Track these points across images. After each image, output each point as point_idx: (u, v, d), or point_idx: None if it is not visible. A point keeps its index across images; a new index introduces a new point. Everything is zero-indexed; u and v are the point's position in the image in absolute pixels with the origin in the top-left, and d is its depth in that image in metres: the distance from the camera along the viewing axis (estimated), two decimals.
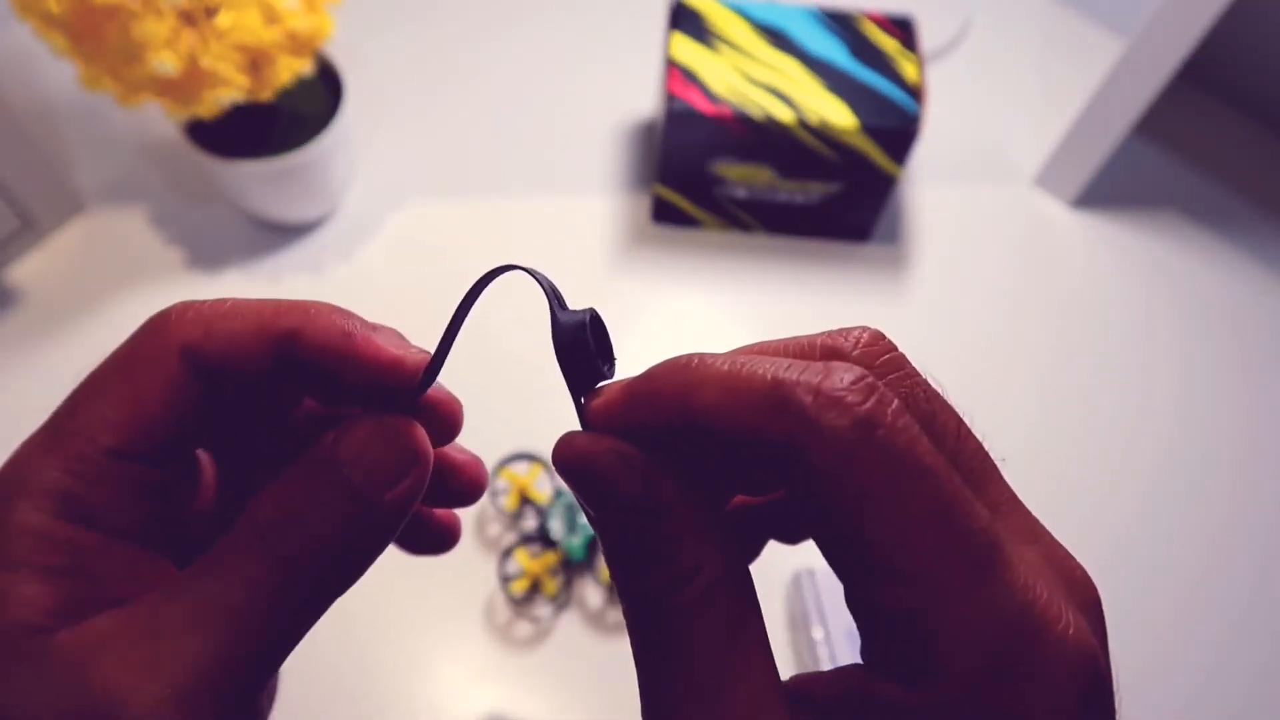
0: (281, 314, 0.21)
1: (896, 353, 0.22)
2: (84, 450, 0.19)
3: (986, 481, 0.20)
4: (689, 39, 0.58)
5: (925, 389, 0.21)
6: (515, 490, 0.52)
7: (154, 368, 0.20)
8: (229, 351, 0.20)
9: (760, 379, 0.17)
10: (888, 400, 0.17)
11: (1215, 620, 0.54)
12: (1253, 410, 0.61)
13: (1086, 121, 0.62)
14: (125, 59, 0.46)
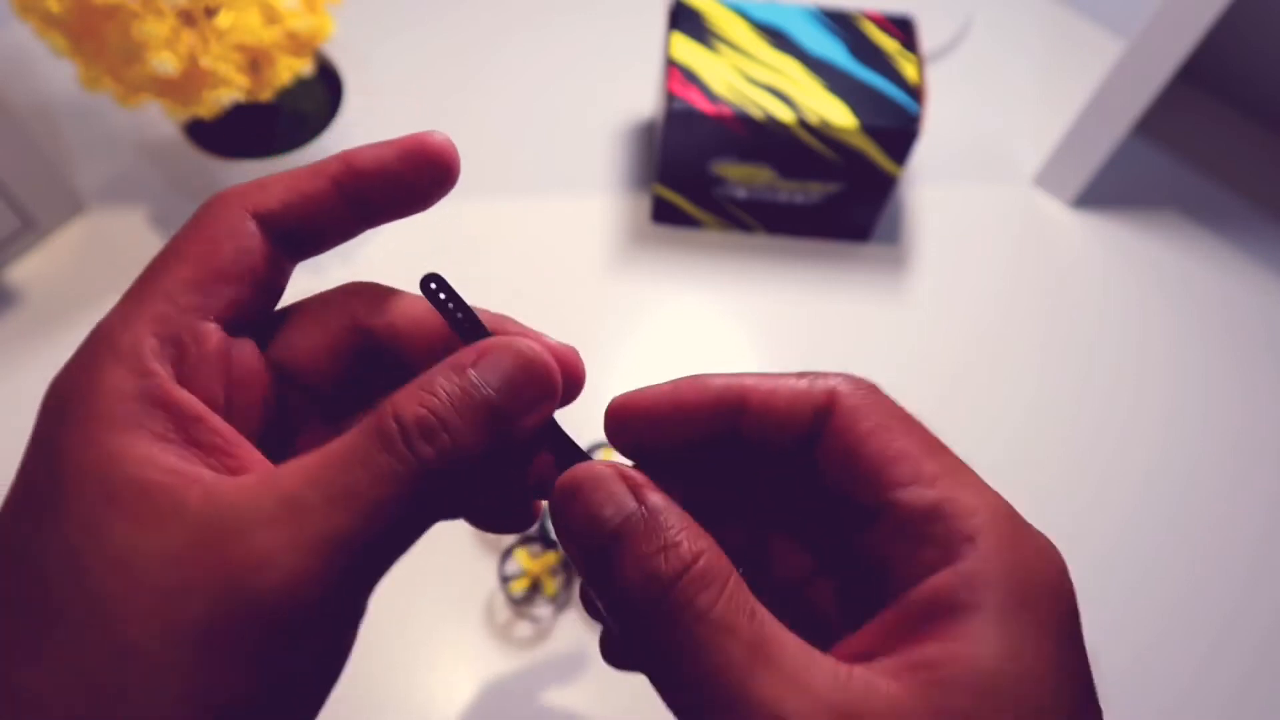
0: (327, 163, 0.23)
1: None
2: (170, 311, 0.20)
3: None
4: (689, 39, 0.58)
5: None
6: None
7: (229, 230, 0.21)
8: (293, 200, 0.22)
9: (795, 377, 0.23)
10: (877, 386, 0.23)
11: (1209, 618, 0.54)
12: (1253, 409, 0.61)
13: (1086, 121, 0.62)
14: (125, 59, 0.46)
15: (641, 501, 0.20)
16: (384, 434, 0.19)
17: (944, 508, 0.20)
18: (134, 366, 0.19)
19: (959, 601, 0.19)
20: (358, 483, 0.19)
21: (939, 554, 0.20)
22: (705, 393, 0.23)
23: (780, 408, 0.22)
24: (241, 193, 0.22)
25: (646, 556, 0.19)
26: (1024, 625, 0.19)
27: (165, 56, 0.46)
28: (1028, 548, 0.20)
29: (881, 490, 0.21)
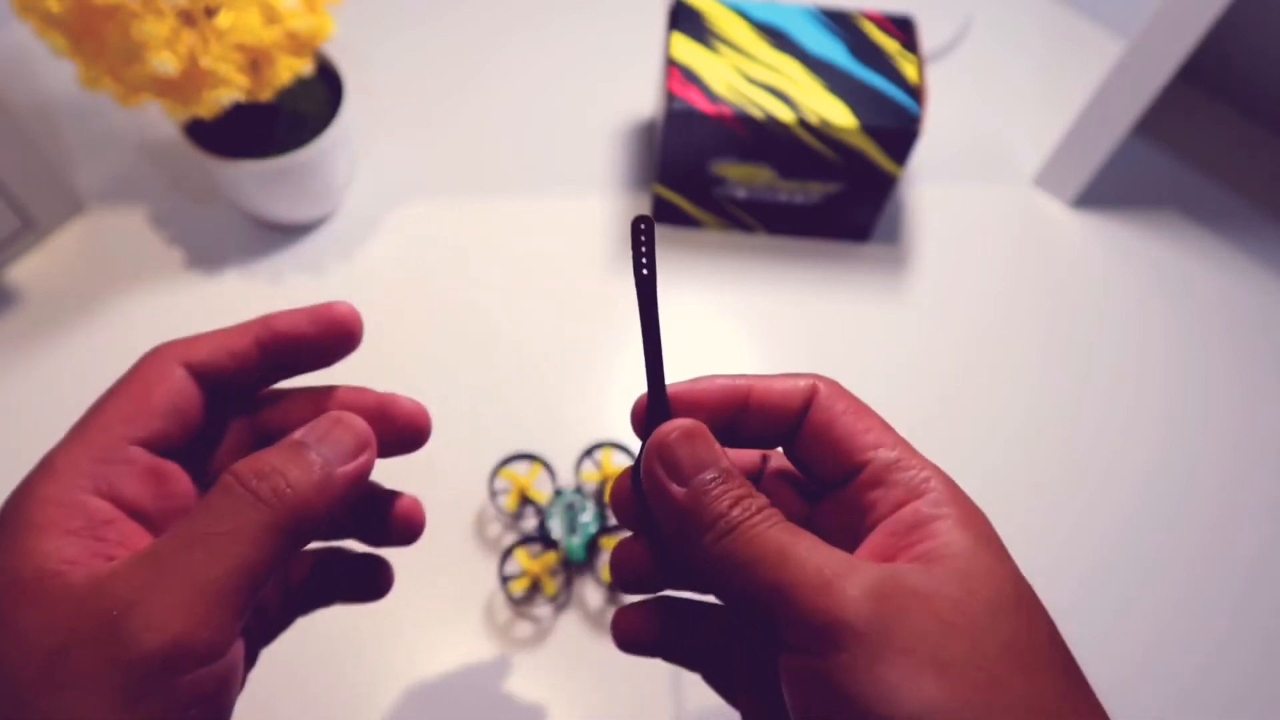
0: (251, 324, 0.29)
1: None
2: (104, 439, 0.25)
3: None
4: (689, 39, 0.58)
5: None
6: (515, 490, 0.52)
7: (159, 375, 0.27)
8: (218, 354, 0.28)
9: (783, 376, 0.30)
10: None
11: (1209, 617, 0.54)
12: (1253, 409, 0.61)
13: (1086, 121, 0.63)
14: (125, 59, 0.46)
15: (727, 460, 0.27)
16: (223, 485, 0.24)
17: (904, 462, 0.28)
18: (63, 481, 0.24)
19: (931, 515, 0.26)
20: (203, 526, 0.23)
21: (905, 492, 0.27)
22: (716, 386, 0.29)
23: (777, 397, 0.29)
24: (175, 346, 0.27)
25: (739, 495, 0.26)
26: (978, 533, 0.26)
27: (165, 57, 0.46)
28: (965, 496, 0.27)
29: (857, 452, 0.28)
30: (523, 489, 0.52)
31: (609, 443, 0.54)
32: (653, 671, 0.50)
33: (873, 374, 0.60)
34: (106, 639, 0.21)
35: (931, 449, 0.60)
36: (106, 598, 0.22)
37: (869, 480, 0.28)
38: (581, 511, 0.52)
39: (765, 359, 0.60)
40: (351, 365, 0.59)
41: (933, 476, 0.27)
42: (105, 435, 0.25)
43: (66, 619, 0.21)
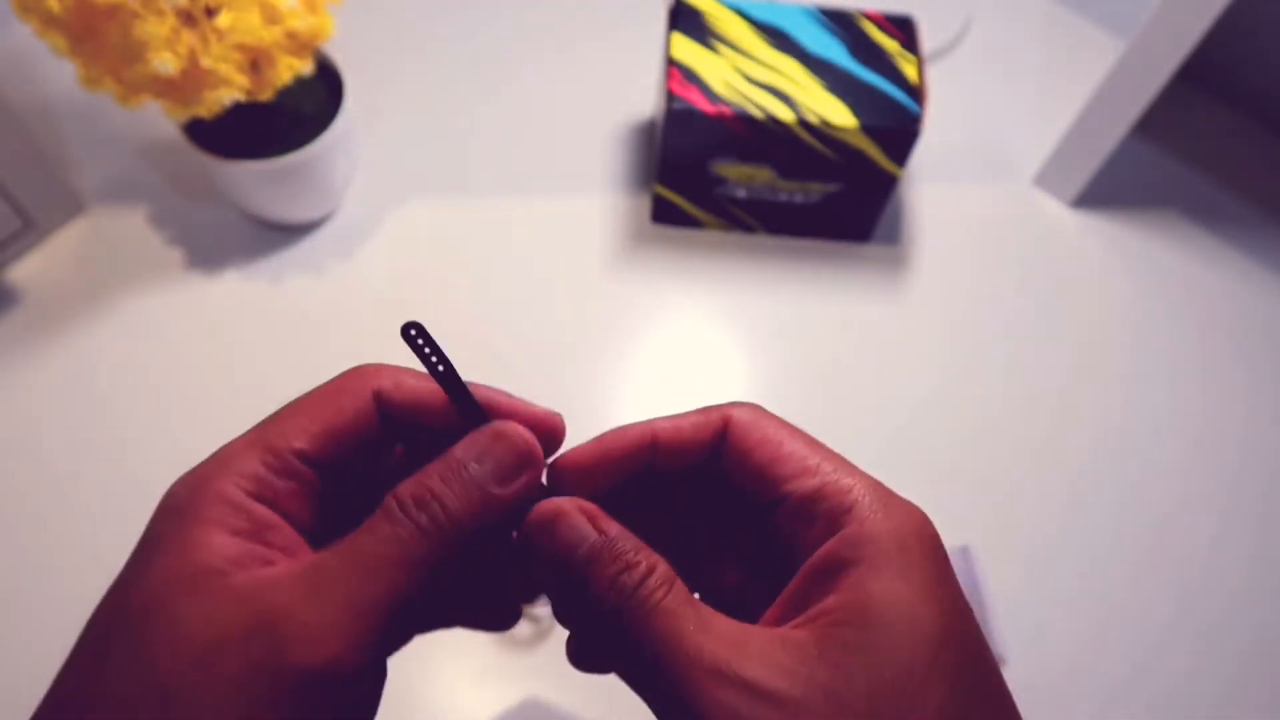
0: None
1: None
2: (279, 448, 0.25)
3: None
4: (689, 39, 0.58)
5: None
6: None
7: (351, 399, 0.27)
8: (410, 400, 0.28)
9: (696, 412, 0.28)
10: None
11: (1209, 617, 0.54)
12: (1253, 409, 0.61)
13: (1086, 121, 0.63)
14: (125, 59, 0.46)
15: (601, 531, 0.25)
16: (386, 509, 0.24)
17: (824, 490, 0.25)
18: (234, 480, 0.25)
19: (843, 559, 0.24)
20: (366, 548, 0.23)
21: (824, 528, 0.25)
22: (624, 438, 0.28)
23: (686, 436, 0.27)
24: (375, 372, 0.28)
25: (612, 574, 0.24)
26: (897, 567, 0.23)
27: (165, 57, 0.46)
28: (897, 511, 0.25)
29: (774, 486, 0.26)
30: None
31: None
32: None
33: (872, 374, 0.60)
34: (260, 644, 0.21)
35: (932, 449, 0.60)
36: (265, 604, 0.22)
37: (790, 514, 0.25)
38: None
39: (765, 359, 0.60)
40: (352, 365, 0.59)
41: (857, 503, 0.24)
42: (282, 443, 0.25)
43: (224, 618, 0.22)
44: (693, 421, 0.27)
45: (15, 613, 0.50)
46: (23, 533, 0.52)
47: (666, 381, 0.58)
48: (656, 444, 0.28)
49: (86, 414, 0.55)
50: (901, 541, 0.24)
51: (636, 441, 0.28)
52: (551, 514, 0.25)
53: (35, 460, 0.54)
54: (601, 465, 0.28)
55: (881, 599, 0.23)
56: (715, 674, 0.22)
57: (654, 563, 0.24)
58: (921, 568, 0.23)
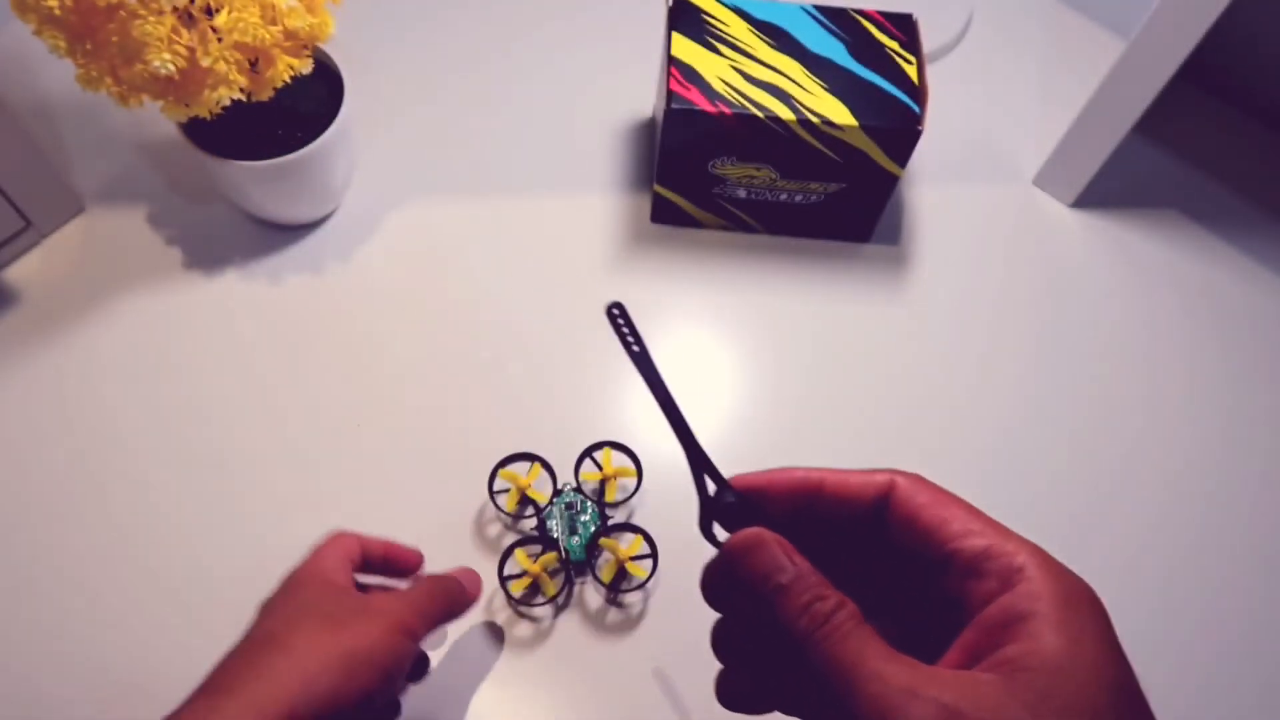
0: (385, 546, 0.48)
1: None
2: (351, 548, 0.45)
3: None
4: (689, 38, 0.58)
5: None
6: (515, 491, 0.52)
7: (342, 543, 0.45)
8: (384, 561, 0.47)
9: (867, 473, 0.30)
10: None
11: (1209, 616, 0.54)
12: (1253, 407, 0.61)
13: (1086, 121, 0.62)
14: (124, 58, 0.46)
15: (794, 562, 0.28)
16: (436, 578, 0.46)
17: (994, 549, 0.27)
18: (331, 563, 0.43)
19: (1022, 612, 0.25)
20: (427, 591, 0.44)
21: (997, 584, 0.26)
22: (793, 474, 0.31)
23: (852, 490, 0.30)
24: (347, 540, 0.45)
25: (806, 601, 0.27)
26: (1075, 626, 0.25)
27: (164, 57, 0.46)
28: (1065, 576, 0.26)
29: (943, 543, 0.28)
30: (522, 489, 0.52)
31: (608, 442, 0.54)
32: (651, 673, 0.50)
33: (872, 373, 0.60)
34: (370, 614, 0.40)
35: (931, 448, 0.60)
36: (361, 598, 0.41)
37: (961, 570, 0.27)
38: (581, 512, 0.52)
39: (765, 359, 0.60)
40: (351, 365, 0.59)
41: (1027, 563, 0.26)
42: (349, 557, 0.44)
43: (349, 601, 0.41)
44: (859, 477, 0.30)
45: (15, 612, 0.50)
46: (23, 532, 0.52)
47: (666, 381, 0.58)
48: (823, 490, 0.30)
49: (86, 413, 0.55)
50: (1074, 600, 0.26)
51: (804, 480, 0.31)
52: (754, 540, 0.29)
53: (35, 459, 0.54)
54: (769, 491, 0.31)
55: (1065, 649, 0.25)
56: (910, 693, 0.24)
57: (843, 598, 0.27)
58: (1093, 625, 0.26)
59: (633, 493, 0.54)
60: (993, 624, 0.26)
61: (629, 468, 0.53)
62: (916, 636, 0.28)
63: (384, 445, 0.55)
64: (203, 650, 0.54)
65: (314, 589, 0.41)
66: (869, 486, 0.30)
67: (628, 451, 0.54)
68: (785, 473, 0.31)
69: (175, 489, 0.53)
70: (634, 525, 0.52)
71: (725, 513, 0.31)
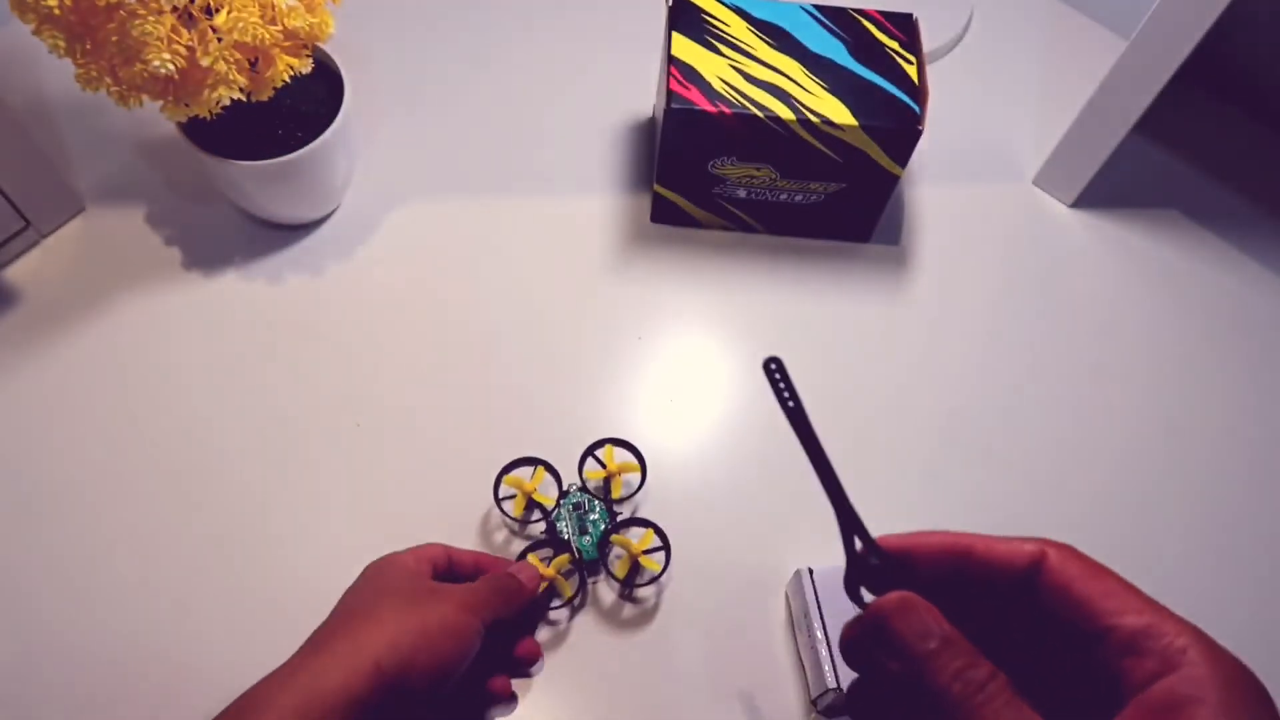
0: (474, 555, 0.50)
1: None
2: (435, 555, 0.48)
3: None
4: (689, 38, 0.58)
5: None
6: (520, 496, 0.52)
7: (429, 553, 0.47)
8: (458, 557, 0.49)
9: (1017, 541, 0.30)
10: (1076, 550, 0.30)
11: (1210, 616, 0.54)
12: (1253, 407, 0.61)
13: (1086, 121, 0.62)
14: (123, 58, 0.46)
15: (943, 628, 0.28)
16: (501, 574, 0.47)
17: (1155, 628, 0.27)
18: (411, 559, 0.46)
19: (1188, 697, 0.25)
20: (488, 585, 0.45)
21: (1158, 664, 0.26)
22: (939, 537, 0.31)
23: (999, 558, 0.30)
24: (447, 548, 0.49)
25: (958, 667, 0.27)
26: (1242, 710, 0.25)
27: (164, 56, 0.46)
28: (1229, 660, 0.26)
29: (1099, 618, 0.28)
30: (528, 494, 0.52)
31: (610, 439, 0.54)
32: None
33: (872, 373, 0.60)
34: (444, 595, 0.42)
35: (931, 448, 0.60)
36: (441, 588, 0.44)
37: (1118, 647, 0.27)
38: (590, 511, 0.52)
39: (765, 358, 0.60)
40: (350, 365, 0.59)
41: (1190, 646, 0.26)
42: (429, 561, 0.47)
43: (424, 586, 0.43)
44: (1008, 546, 0.30)
45: (15, 612, 0.50)
46: (23, 532, 0.52)
47: (667, 381, 0.58)
48: (971, 556, 0.30)
49: (86, 412, 0.55)
50: (1239, 687, 0.26)
51: (952, 545, 0.31)
52: (905, 603, 0.29)
53: (35, 459, 0.54)
54: (916, 554, 0.31)
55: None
56: None
57: (995, 669, 0.27)
58: (1257, 712, 0.26)
59: (638, 488, 0.54)
60: (1156, 707, 0.26)
61: (632, 463, 0.53)
62: (1064, 711, 0.28)
63: (384, 445, 0.55)
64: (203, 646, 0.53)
65: (392, 575, 0.44)
66: (1020, 556, 0.30)
67: (630, 447, 0.54)
68: (933, 536, 0.31)
69: (175, 489, 0.53)
70: (643, 519, 0.52)
71: (872, 574, 0.31)
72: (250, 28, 0.47)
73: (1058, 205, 0.68)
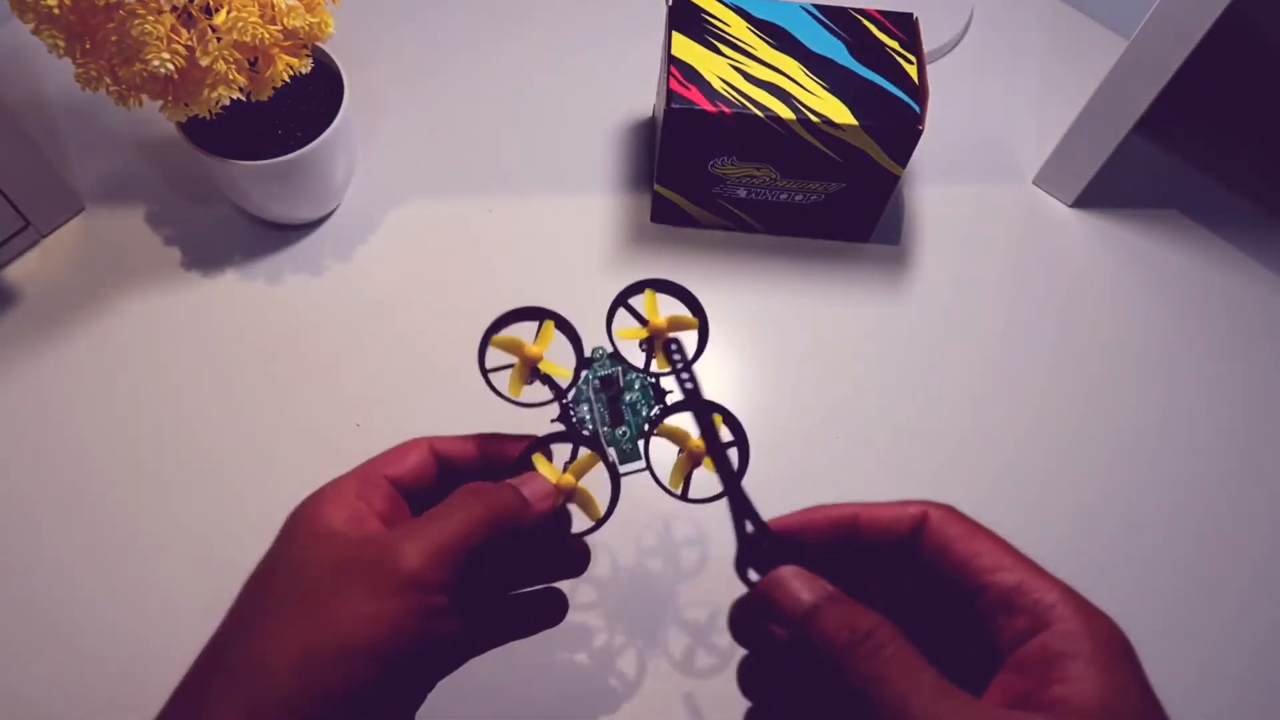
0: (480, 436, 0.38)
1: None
2: (368, 473, 0.35)
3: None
4: (689, 38, 0.58)
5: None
6: (521, 365, 0.36)
7: (414, 447, 0.37)
8: (452, 448, 0.37)
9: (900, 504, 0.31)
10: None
11: (1210, 613, 0.54)
12: (1253, 407, 0.61)
13: (1086, 121, 0.62)
14: (123, 58, 0.46)
15: (827, 589, 0.29)
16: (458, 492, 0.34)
17: (1026, 585, 0.27)
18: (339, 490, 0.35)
19: (1062, 653, 0.26)
20: (442, 513, 0.33)
21: (1030, 621, 0.27)
22: (828, 511, 0.32)
23: (884, 524, 0.31)
24: (429, 438, 0.37)
25: (841, 620, 0.27)
26: (1114, 669, 0.26)
27: (163, 56, 0.46)
28: (1098, 616, 0.27)
29: (974, 576, 0.28)
30: (532, 360, 0.36)
31: (651, 281, 0.38)
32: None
33: (873, 373, 0.60)
34: (374, 561, 0.31)
35: (932, 448, 0.60)
36: (373, 543, 0.32)
37: (992, 605, 0.28)
38: (627, 389, 0.37)
39: (765, 359, 0.60)
40: (350, 365, 0.59)
41: (1059, 601, 0.27)
42: (370, 471, 0.35)
43: (346, 550, 0.32)
44: (892, 510, 0.31)
45: (15, 611, 0.50)
46: (23, 532, 0.52)
47: (666, 381, 0.58)
48: (858, 525, 0.31)
49: (86, 412, 0.55)
50: (1111, 643, 0.26)
51: (838, 517, 0.32)
52: (787, 572, 0.29)
53: (35, 459, 0.54)
54: (807, 529, 0.32)
55: (1108, 692, 0.25)
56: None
57: (883, 618, 0.27)
58: (1130, 668, 0.26)
59: (697, 353, 0.37)
60: (1033, 663, 0.26)
61: (686, 315, 0.37)
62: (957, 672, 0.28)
63: (385, 445, 0.55)
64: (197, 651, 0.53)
65: (297, 550, 0.32)
66: (902, 520, 0.30)
67: (682, 292, 0.37)
68: (820, 511, 0.32)
69: (175, 489, 0.53)
70: (708, 401, 0.36)
71: (763, 555, 0.31)
72: (250, 27, 0.47)
73: (1058, 205, 0.68)
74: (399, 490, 0.36)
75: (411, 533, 0.32)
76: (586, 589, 0.51)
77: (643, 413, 0.37)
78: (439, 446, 0.37)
